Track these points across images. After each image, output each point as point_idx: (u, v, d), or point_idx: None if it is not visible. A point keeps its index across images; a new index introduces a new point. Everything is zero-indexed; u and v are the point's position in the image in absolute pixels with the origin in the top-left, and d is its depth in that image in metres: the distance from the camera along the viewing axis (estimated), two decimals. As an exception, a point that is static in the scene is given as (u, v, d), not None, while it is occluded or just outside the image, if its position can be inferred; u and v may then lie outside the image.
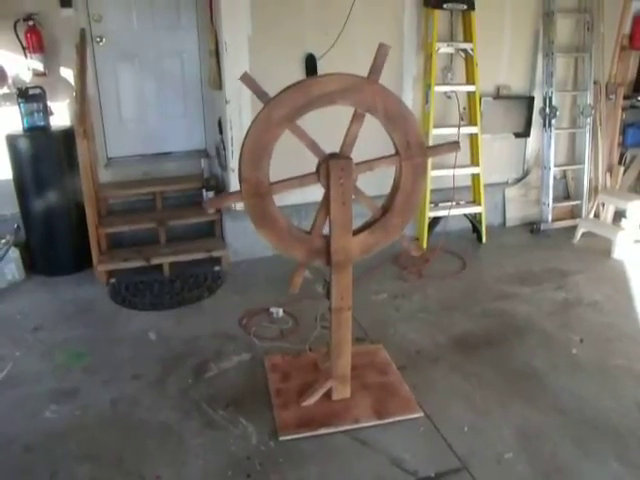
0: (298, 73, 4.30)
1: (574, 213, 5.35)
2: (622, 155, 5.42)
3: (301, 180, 2.54)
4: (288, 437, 2.62)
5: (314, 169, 2.53)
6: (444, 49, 4.63)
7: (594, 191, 5.26)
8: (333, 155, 2.52)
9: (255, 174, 2.42)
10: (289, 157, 3.00)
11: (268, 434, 2.66)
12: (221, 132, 4.62)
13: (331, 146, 2.55)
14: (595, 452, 2.54)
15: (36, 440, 2.66)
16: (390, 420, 2.73)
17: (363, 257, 2.70)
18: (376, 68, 2.44)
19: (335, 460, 2.52)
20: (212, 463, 2.51)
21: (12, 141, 4.24)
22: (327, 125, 3.14)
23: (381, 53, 2.43)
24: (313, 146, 2.48)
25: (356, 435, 2.65)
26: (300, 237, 2.60)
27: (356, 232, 2.65)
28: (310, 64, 4.36)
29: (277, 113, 2.37)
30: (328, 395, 2.84)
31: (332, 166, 2.45)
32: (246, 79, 2.34)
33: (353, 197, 2.55)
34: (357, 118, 2.50)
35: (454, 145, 2.73)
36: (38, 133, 4.26)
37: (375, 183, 3.13)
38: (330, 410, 2.78)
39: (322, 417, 2.73)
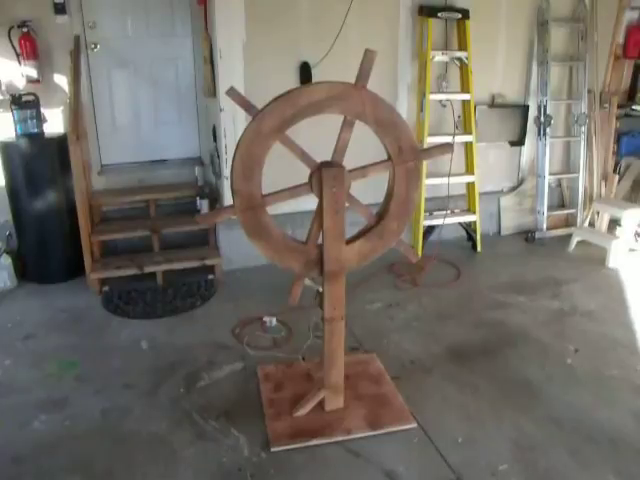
0: (293, 81, 4.30)
1: (569, 221, 5.36)
2: (617, 164, 5.44)
3: (293, 191, 2.52)
4: (280, 448, 2.59)
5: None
6: (439, 57, 4.64)
7: (589, 200, 5.27)
8: (325, 163, 2.50)
9: (247, 187, 2.40)
10: (283, 166, 2.98)
11: (260, 445, 2.63)
12: (215, 140, 4.61)
13: (325, 154, 2.53)
14: (591, 464, 2.51)
15: (25, 451, 2.62)
16: (383, 431, 2.70)
17: (360, 265, 2.67)
18: (363, 74, 2.42)
19: (327, 472, 2.49)
20: (203, 474, 2.48)
21: (5, 148, 4.22)
22: (320, 133, 3.13)
23: (367, 58, 2.41)
24: (304, 156, 2.46)
25: (349, 446, 2.62)
26: (296, 248, 2.58)
27: (351, 240, 2.62)
28: (305, 72, 4.35)
29: (266, 125, 2.35)
30: (321, 405, 2.81)
31: (324, 175, 2.43)
32: (232, 93, 2.31)
33: (347, 205, 2.53)
34: (347, 125, 2.48)
35: (447, 147, 2.70)
36: (31, 140, 4.24)
37: (371, 190, 3.12)
38: (323, 421, 2.75)
39: (315, 428, 2.70)
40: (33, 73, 4.37)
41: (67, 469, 2.52)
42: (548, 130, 5.03)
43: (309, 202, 2.60)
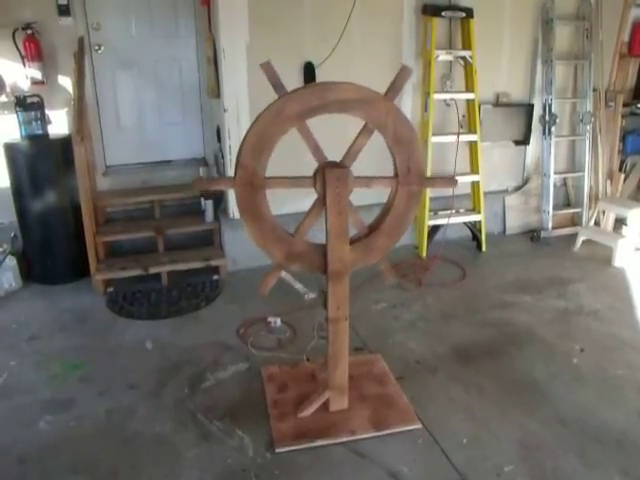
0: (297, 81, 4.28)
1: (574, 221, 5.33)
2: (622, 162, 5.41)
3: (296, 181, 2.52)
4: (284, 449, 2.59)
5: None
6: (443, 57, 4.63)
7: (594, 199, 5.24)
8: (332, 164, 2.50)
9: (253, 163, 2.39)
10: (286, 162, 2.98)
11: (264, 446, 2.62)
12: (219, 140, 4.61)
13: (331, 156, 2.53)
14: (597, 464, 2.50)
15: (30, 451, 2.62)
16: (388, 432, 2.69)
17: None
18: (395, 88, 2.45)
19: (332, 472, 2.48)
20: (208, 475, 2.47)
21: (10, 149, 4.23)
22: (331, 134, 3.12)
23: (403, 74, 2.44)
24: (316, 150, 2.47)
25: (353, 447, 2.61)
26: (283, 238, 2.56)
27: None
28: (309, 72, 4.35)
29: (289, 109, 2.35)
30: (325, 406, 2.80)
31: (328, 174, 2.43)
32: (266, 68, 2.33)
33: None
34: (366, 132, 2.50)
35: (451, 181, 2.78)
36: (36, 141, 4.25)
37: (374, 191, 3.10)
38: (327, 421, 2.74)
39: (319, 428, 2.70)
40: (37, 75, 4.37)
41: (72, 469, 2.52)
42: (553, 129, 5.00)
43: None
